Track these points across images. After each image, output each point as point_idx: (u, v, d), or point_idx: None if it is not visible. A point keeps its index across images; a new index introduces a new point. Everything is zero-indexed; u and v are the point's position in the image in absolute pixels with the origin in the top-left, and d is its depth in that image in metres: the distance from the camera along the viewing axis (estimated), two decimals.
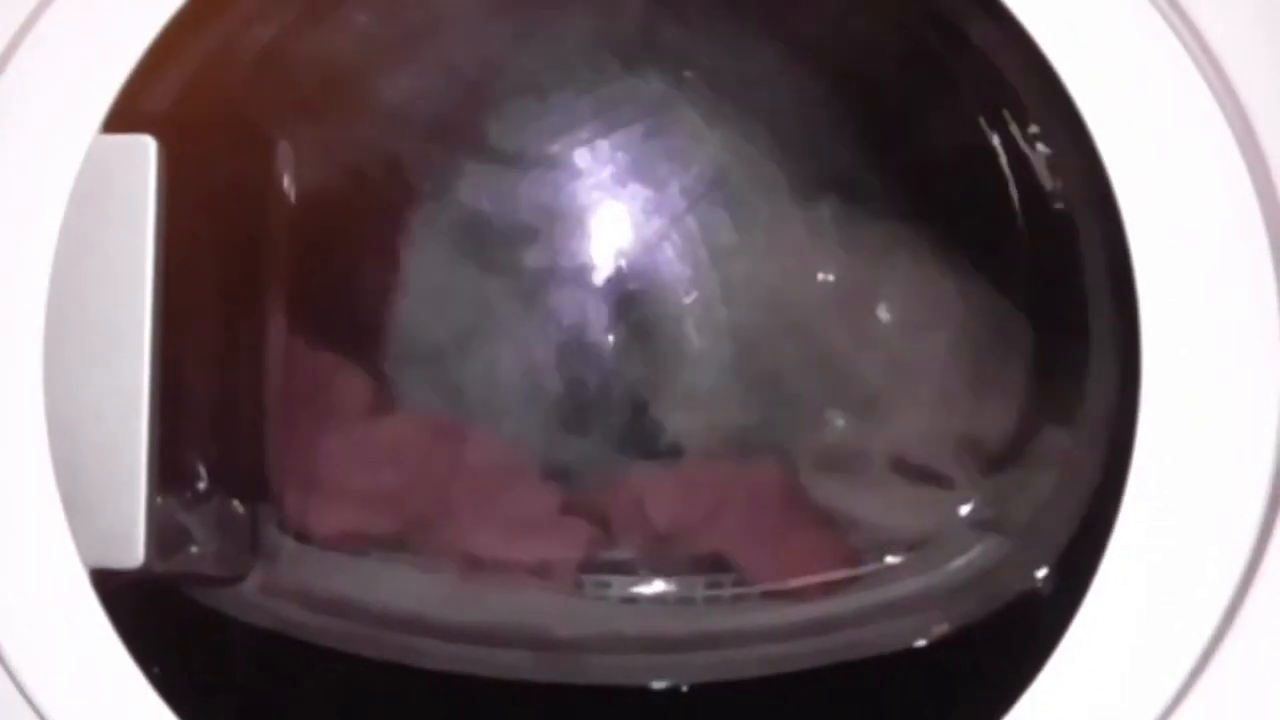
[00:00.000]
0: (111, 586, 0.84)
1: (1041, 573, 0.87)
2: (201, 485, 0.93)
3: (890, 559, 0.94)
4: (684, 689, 0.91)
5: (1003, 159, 0.91)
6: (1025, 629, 0.84)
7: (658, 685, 0.92)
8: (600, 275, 0.95)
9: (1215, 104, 0.78)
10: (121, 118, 0.84)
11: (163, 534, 0.85)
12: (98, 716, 0.84)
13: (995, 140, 0.91)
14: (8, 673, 0.84)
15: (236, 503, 0.95)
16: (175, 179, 0.84)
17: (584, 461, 0.98)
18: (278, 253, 0.96)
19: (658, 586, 0.96)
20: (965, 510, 0.94)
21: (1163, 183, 0.78)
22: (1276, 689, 0.80)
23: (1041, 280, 0.91)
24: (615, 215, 0.96)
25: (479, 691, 0.92)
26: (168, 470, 0.85)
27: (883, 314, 0.96)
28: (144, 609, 0.86)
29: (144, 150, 0.83)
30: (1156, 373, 0.78)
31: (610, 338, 0.96)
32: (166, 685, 0.84)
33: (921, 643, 0.90)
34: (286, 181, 0.96)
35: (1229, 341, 0.78)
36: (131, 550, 0.83)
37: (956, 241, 0.95)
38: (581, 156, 0.95)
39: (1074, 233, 0.85)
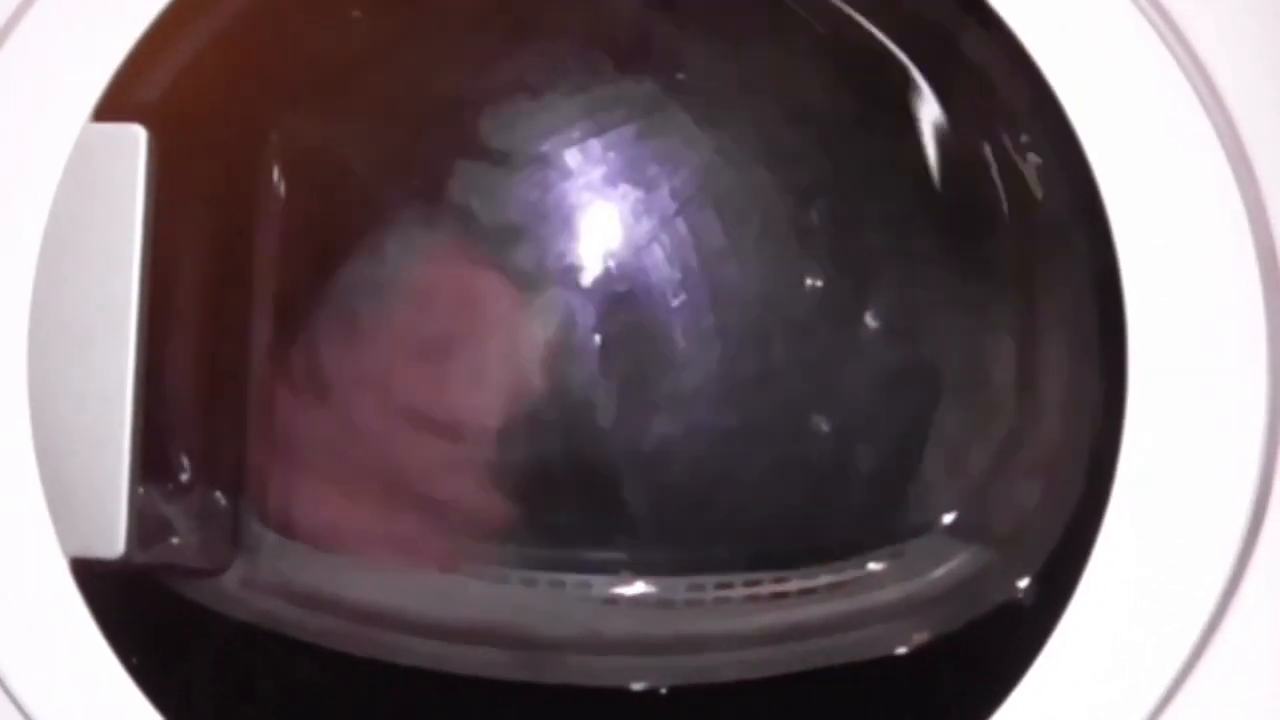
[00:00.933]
0: (92, 576, 0.84)
1: (1023, 583, 0.87)
2: (184, 477, 0.92)
3: (872, 566, 0.94)
4: (663, 691, 0.91)
5: (993, 168, 0.91)
6: (1006, 639, 0.84)
7: (637, 687, 0.92)
8: (589, 276, 0.95)
9: (1205, 116, 0.78)
10: (112, 107, 0.84)
11: (144, 525, 0.85)
12: (75, 705, 0.84)
13: (986, 149, 0.91)
14: None
15: (219, 495, 0.94)
16: (165, 169, 0.84)
17: (568, 463, 0.97)
18: (266, 245, 0.96)
19: (639, 588, 0.96)
20: (948, 519, 0.94)
21: (1151, 193, 0.78)
22: (1255, 701, 0.81)
23: (1029, 290, 0.91)
24: (605, 216, 0.96)
25: (457, 689, 0.92)
26: (150, 461, 0.85)
27: (870, 320, 0.96)
28: (124, 599, 0.86)
29: (134, 140, 0.83)
30: (1142, 383, 0.79)
31: (597, 339, 0.96)
32: (144, 675, 0.84)
33: (902, 650, 0.90)
34: (276, 174, 0.96)
35: (1215, 354, 0.78)
36: (112, 540, 0.83)
37: (945, 249, 0.95)
38: (572, 156, 0.95)
39: (1063, 243, 0.85)
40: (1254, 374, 0.78)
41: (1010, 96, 0.86)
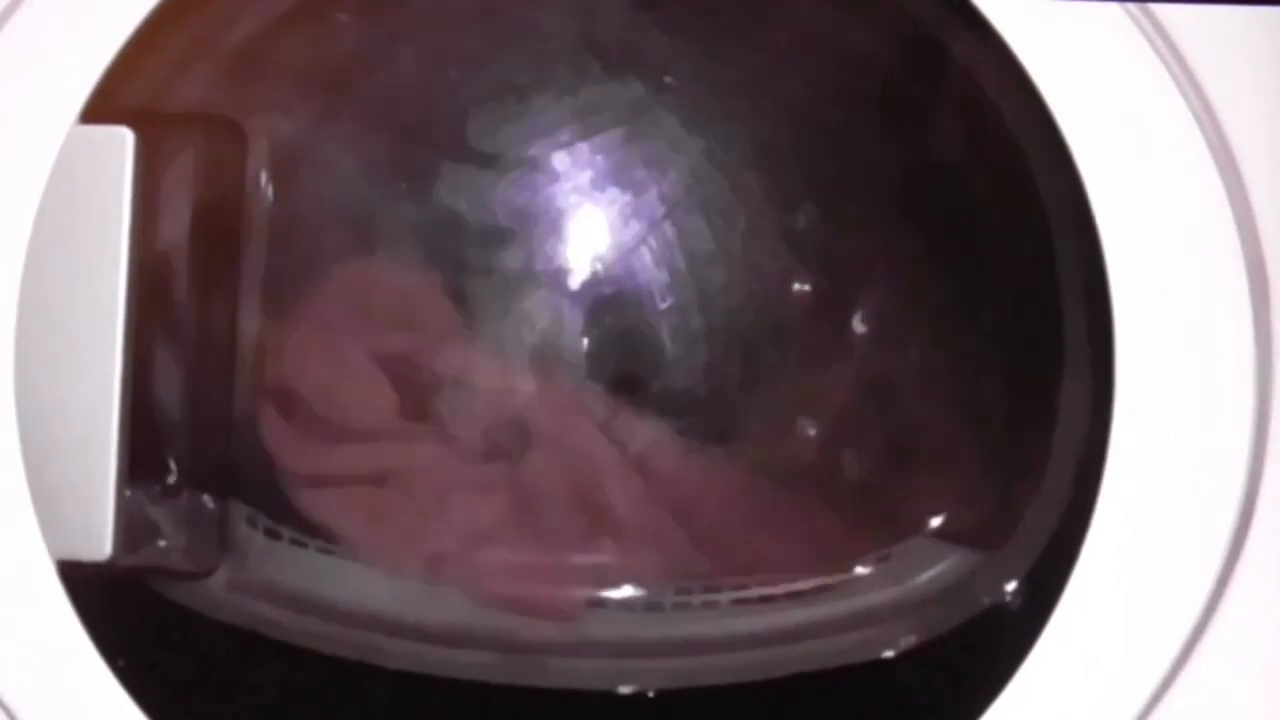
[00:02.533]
0: (78, 578, 0.84)
1: (1011, 586, 0.87)
2: (171, 479, 0.92)
3: (859, 569, 0.94)
4: (650, 694, 0.91)
5: (981, 173, 0.91)
6: (993, 642, 0.84)
7: (624, 690, 0.92)
8: (576, 279, 0.95)
9: (1196, 126, 0.78)
10: (99, 109, 0.83)
11: (131, 527, 0.85)
12: (61, 708, 0.84)
13: (975, 156, 0.91)
14: None
15: (206, 497, 0.94)
16: (151, 171, 0.84)
17: (555, 465, 0.97)
18: (253, 248, 0.96)
19: (626, 591, 0.96)
20: (935, 522, 0.94)
21: (1141, 204, 0.78)
22: (1241, 704, 0.81)
23: (1017, 298, 0.92)
24: (593, 219, 0.96)
25: (443, 692, 0.92)
26: (138, 463, 0.85)
27: (858, 325, 0.96)
28: (111, 602, 0.86)
29: (121, 142, 0.83)
30: (1129, 391, 0.79)
31: (585, 341, 0.96)
32: (131, 678, 0.84)
33: (889, 654, 0.90)
34: (263, 177, 0.96)
35: (1202, 361, 0.78)
36: (99, 543, 0.83)
37: (933, 254, 0.95)
38: (560, 159, 0.95)
39: (1051, 251, 0.86)
40: (1241, 381, 0.78)
41: (1000, 102, 0.86)
